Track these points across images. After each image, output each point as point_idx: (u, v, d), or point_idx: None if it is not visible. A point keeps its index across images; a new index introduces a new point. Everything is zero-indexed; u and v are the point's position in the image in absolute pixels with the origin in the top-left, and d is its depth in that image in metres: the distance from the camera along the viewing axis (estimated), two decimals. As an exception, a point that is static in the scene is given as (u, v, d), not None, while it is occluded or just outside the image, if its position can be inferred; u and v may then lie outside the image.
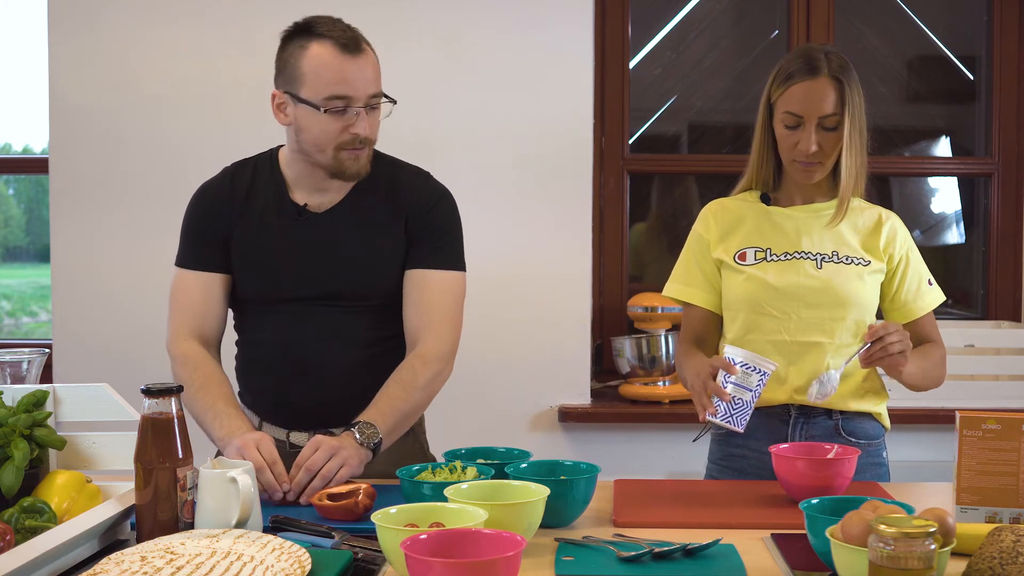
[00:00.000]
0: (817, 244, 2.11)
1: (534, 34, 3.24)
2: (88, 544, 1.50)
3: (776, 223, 2.14)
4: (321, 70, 1.91)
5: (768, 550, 1.57)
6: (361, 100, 1.93)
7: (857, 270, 2.09)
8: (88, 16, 3.25)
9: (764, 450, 2.06)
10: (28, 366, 1.81)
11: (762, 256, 2.11)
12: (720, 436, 2.18)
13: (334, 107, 1.92)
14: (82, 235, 3.27)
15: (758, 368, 1.87)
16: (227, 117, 3.22)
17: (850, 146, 2.04)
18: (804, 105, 2.03)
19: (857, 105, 2.05)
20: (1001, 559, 1.33)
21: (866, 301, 2.09)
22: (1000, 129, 3.49)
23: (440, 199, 2.08)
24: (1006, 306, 3.51)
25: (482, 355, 3.17)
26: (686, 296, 2.18)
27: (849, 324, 2.08)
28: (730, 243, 2.14)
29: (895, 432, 2.03)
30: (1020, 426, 1.63)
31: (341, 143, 1.94)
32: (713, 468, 2.20)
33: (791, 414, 2.10)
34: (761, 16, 3.63)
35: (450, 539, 1.33)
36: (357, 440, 1.86)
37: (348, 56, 1.91)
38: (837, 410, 2.09)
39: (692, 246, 2.20)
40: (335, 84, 1.91)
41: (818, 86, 2.03)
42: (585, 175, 3.27)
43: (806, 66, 2.04)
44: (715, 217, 2.18)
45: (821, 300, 2.06)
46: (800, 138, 2.04)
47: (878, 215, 2.16)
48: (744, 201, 2.19)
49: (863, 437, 2.11)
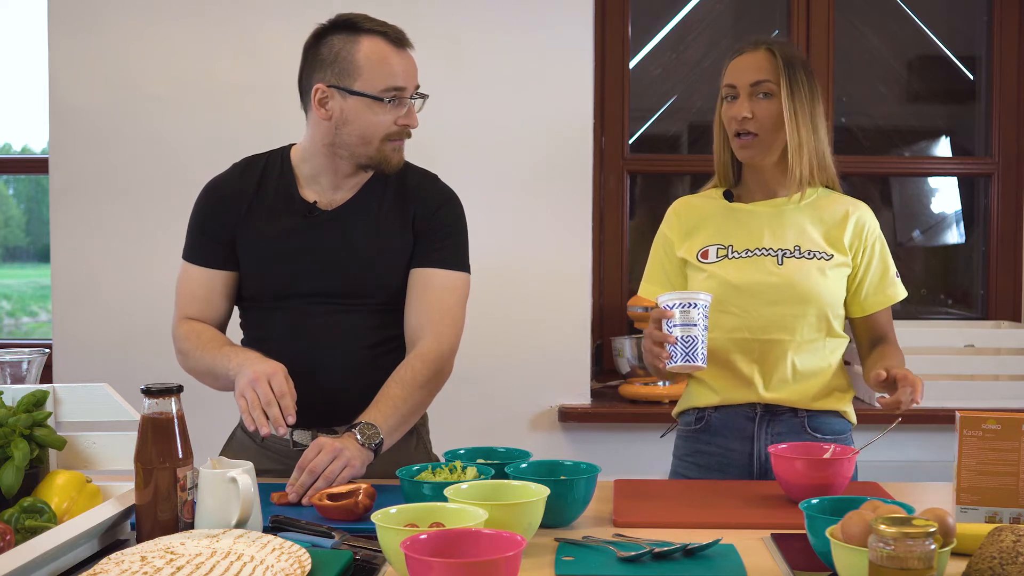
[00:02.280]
0: (779, 240, 2.10)
1: (534, 34, 3.24)
2: (88, 544, 1.50)
3: (739, 220, 2.14)
4: (379, 63, 1.96)
5: (768, 550, 1.57)
6: (411, 92, 2.00)
7: (819, 264, 2.08)
8: (88, 16, 3.25)
9: (731, 447, 2.10)
10: (28, 366, 1.81)
11: (723, 254, 2.11)
12: (688, 432, 2.18)
13: (392, 99, 1.97)
14: (82, 235, 3.27)
15: (693, 302, 1.90)
16: (227, 117, 3.22)
17: (793, 120, 2.04)
18: (737, 75, 2.08)
19: (802, 84, 2.06)
20: (1001, 559, 1.33)
21: (829, 296, 2.08)
22: (1000, 129, 3.49)
23: (447, 200, 2.09)
24: (1006, 306, 3.51)
25: (482, 355, 3.17)
26: (654, 296, 2.17)
27: (811, 320, 2.07)
28: (694, 241, 2.15)
29: (895, 432, 2.03)
30: (1020, 426, 1.63)
31: (389, 134, 1.99)
32: (679, 465, 2.19)
33: (757, 412, 2.10)
34: (761, 16, 3.63)
35: (450, 539, 1.33)
36: (359, 441, 1.86)
37: (399, 50, 1.99)
38: (803, 408, 2.09)
39: (657, 246, 2.22)
40: (392, 77, 1.96)
41: (752, 56, 2.08)
42: (585, 175, 3.27)
43: (746, 45, 2.11)
44: (678, 216, 2.19)
45: (782, 297, 2.06)
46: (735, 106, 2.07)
47: (846, 207, 2.14)
48: (709, 199, 2.20)
49: (829, 433, 2.10)
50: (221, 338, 2.03)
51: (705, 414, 2.13)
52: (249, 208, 2.06)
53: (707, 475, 2.13)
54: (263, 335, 2.07)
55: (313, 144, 2.04)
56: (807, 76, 2.08)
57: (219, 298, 2.08)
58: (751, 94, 2.06)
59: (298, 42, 2.05)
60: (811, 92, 2.07)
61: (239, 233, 2.05)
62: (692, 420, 2.16)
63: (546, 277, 3.25)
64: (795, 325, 2.06)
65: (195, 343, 2.02)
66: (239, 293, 2.10)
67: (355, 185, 2.06)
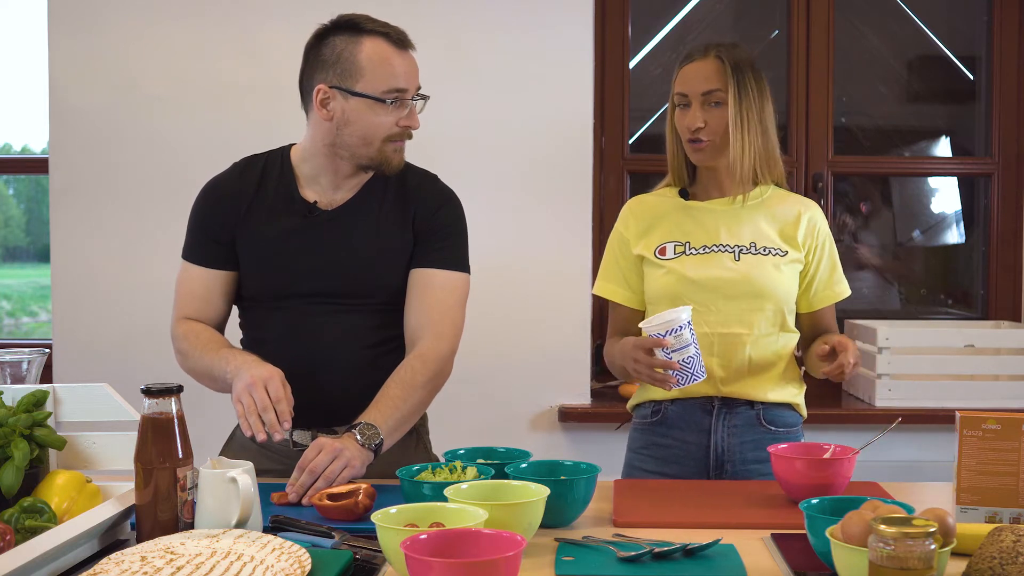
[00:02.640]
0: (735, 236, 2.15)
1: (534, 34, 3.24)
2: (88, 544, 1.50)
3: (695, 217, 2.18)
4: (380, 65, 1.96)
5: (768, 550, 1.57)
6: (413, 93, 2.00)
7: (775, 260, 2.13)
8: (88, 16, 3.25)
9: (688, 439, 2.15)
10: (28, 366, 1.81)
11: (681, 250, 2.15)
12: (644, 425, 2.21)
13: (394, 100, 1.97)
14: (82, 235, 3.27)
15: (680, 324, 1.93)
16: (227, 117, 3.22)
17: (737, 125, 2.09)
18: (688, 83, 2.13)
19: (750, 89, 2.10)
20: (1001, 559, 1.33)
21: (784, 291, 2.13)
22: (1000, 129, 3.49)
23: (447, 200, 2.10)
24: (1006, 306, 3.51)
25: (482, 355, 3.17)
26: (609, 294, 2.23)
27: (768, 315, 2.12)
28: (650, 239, 2.18)
29: (895, 432, 2.03)
30: (1020, 426, 1.63)
31: (391, 135, 1.99)
32: (634, 458, 2.23)
33: (714, 405, 2.14)
34: (761, 16, 3.63)
35: (450, 539, 1.33)
36: (359, 441, 1.86)
37: (401, 51, 1.99)
38: (758, 401, 2.13)
39: (613, 244, 2.24)
40: (394, 78, 1.96)
41: (702, 65, 2.12)
42: (585, 175, 3.28)
43: (691, 52, 2.15)
44: (634, 214, 2.22)
45: (739, 292, 2.10)
46: (687, 115, 2.12)
47: (799, 206, 2.19)
48: (663, 197, 2.24)
49: (783, 426, 2.16)
50: (219, 339, 2.03)
51: (662, 407, 2.17)
52: (249, 208, 2.05)
53: (663, 468, 2.16)
54: (263, 335, 2.07)
55: (314, 144, 2.04)
56: (756, 78, 2.12)
57: (218, 298, 2.08)
58: (703, 103, 2.11)
59: (298, 42, 2.05)
60: (760, 93, 2.12)
61: (239, 233, 2.05)
62: (648, 413, 2.20)
63: (546, 277, 3.25)
64: (752, 319, 2.11)
65: (193, 343, 2.02)
66: (239, 293, 2.10)
67: (355, 185, 2.06)
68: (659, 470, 2.17)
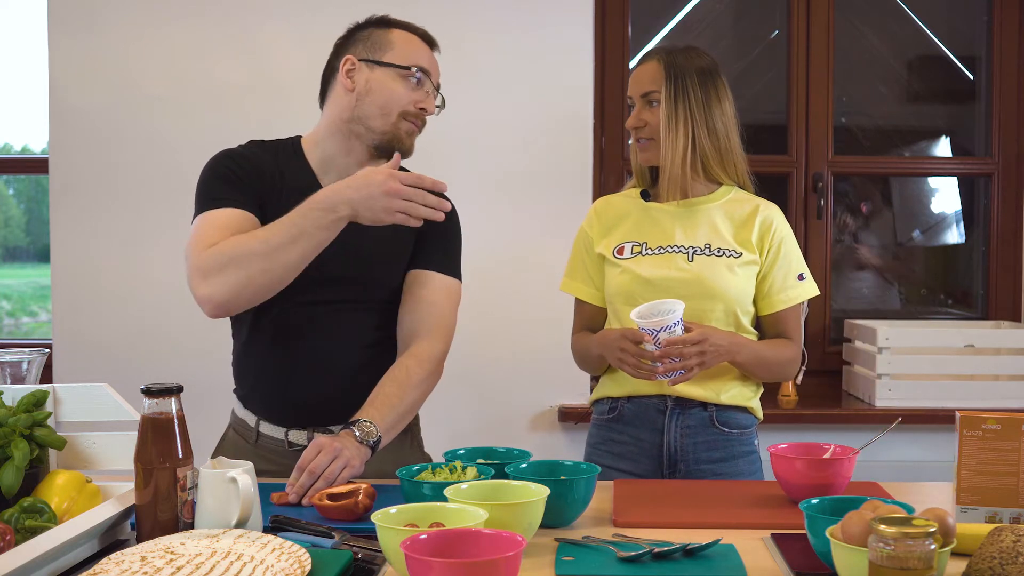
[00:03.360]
0: (690, 237, 2.18)
1: (534, 34, 3.25)
2: (88, 544, 1.50)
3: (654, 218, 2.22)
4: (410, 44, 2.04)
5: (768, 550, 1.57)
6: (435, 82, 2.05)
7: (728, 262, 2.15)
8: (88, 16, 3.25)
9: (642, 437, 2.18)
10: (28, 366, 1.81)
11: (638, 250, 2.19)
12: (601, 421, 2.25)
13: (418, 75, 2.01)
14: (82, 235, 3.27)
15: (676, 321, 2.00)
16: (227, 117, 3.22)
17: (668, 125, 2.14)
18: (632, 85, 2.22)
19: (688, 90, 2.15)
20: (1001, 559, 1.33)
21: (737, 293, 2.15)
22: (1000, 129, 3.49)
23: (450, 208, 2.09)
24: (1006, 306, 3.51)
25: (482, 355, 3.17)
26: (573, 291, 2.30)
27: (720, 316, 2.14)
28: (611, 238, 2.23)
29: (895, 432, 2.03)
30: (1020, 426, 1.63)
31: (407, 112, 2.01)
32: (592, 452, 2.25)
33: (667, 405, 2.16)
34: (761, 16, 3.63)
35: (450, 539, 1.33)
36: (357, 438, 1.86)
37: (426, 46, 2.07)
38: (712, 403, 2.15)
39: (578, 243, 2.31)
40: (421, 59, 2.03)
41: (644, 68, 2.21)
42: (585, 175, 3.28)
43: (644, 57, 2.24)
44: (598, 214, 2.28)
45: (691, 292, 2.12)
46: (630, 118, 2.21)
47: (754, 207, 2.21)
48: (628, 198, 2.29)
49: (736, 427, 2.18)
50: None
51: (618, 404, 2.21)
52: (272, 189, 1.99)
53: (619, 463, 2.19)
54: (261, 334, 2.06)
55: (330, 123, 2.04)
56: (701, 80, 2.16)
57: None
58: (643, 104, 2.19)
59: (298, 42, 2.06)
60: (705, 95, 2.16)
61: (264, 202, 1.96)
62: (606, 409, 2.24)
63: (546, 277, 3.24)
64: (704, 320, 2.13)
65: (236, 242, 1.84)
66: None
67: None
68: (615, 465, 2.19)
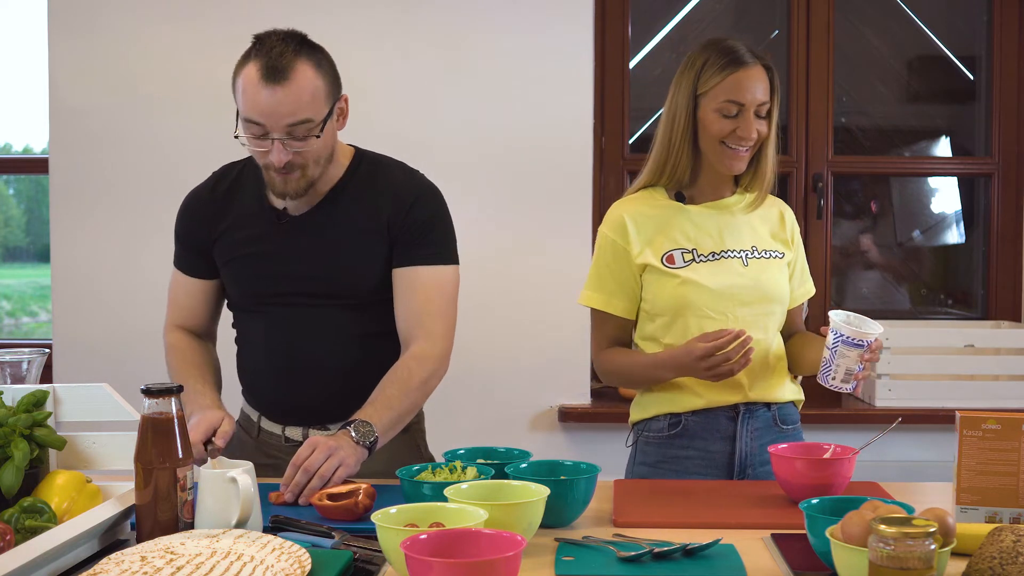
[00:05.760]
0: (737, 240, 2.13)
1: (534, 35, 3.24)
2: (88, 544, 1.50)
3: (696, 222, 2.12)
4: (243, 94, 1.91)
5: (768, 550, 1.57)
6: (276, 130, 1.88)
7: (778, 263, 2.14)
8: (88, 16, 3.24)
9: (711, 448, 2.10)
10: (28, 366, 1.81)
11: (689, 258, 2.09)
12: (660, 439, 2.13)
13: (250, 131, 1.91)
14: (82, 235, 3.27)
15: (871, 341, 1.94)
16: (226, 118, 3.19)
17: (772, 136, 2.10)
18: (744, 93, 2.04)
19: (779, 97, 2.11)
20: (1001, 559, 1.33)
21: (787, 293, 2.15)
22: (1000, 129, 3.49)
23: (420, 194, 2.03)
24: (1006, 306, 3.50)
25: (482, 355, 3.17)
26: (604, 306, 2.12)
27: (778, 318, 2.13)
28: (656, 247, 2.09)
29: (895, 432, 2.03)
30: (1020, 426, 1.63)
31: (265, 164, 1.95)
32: (651, 472, 2.13)
33: (739, 411, 2.11)
34: (761, 16, 3.63)
35: (450, 539, 1.33)
36: (353, 438, 1.85)
37: (267, 85, 1.87)
38: (774, 403, 2.13)
39: (604, 253, 2.13)
40: (251, 110, 1.89)
41: (755, 74, 2.06)
42: (585, 175, 3.28)
43: (739, 56, 2.06)
44: (635, 222, 2.10)
45: (752, 297, 2.09)
46: (739, 125, 2.05)
47: (778, 206, 2.21)
48: (653, 201, 2.14)
49: (791, 423, 2.17)
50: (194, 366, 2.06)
51: (682, 419, 2.10)
52: (223, 219, 2.08)
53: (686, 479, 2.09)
54: (252, 337, 2.11)
55: None
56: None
57: (202, 306, 2.14)
58: (756, 113, 2.06)
59: (298, 42, 2.04)
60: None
61: (215, 245, 2.08)
62: (665, 426, 2.12)
63: (546, 277, 3.25)
64: (767, 323, 2.10)
65: (175, 361, 2.09)
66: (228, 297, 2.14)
67: (321, 191, 2.02)
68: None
